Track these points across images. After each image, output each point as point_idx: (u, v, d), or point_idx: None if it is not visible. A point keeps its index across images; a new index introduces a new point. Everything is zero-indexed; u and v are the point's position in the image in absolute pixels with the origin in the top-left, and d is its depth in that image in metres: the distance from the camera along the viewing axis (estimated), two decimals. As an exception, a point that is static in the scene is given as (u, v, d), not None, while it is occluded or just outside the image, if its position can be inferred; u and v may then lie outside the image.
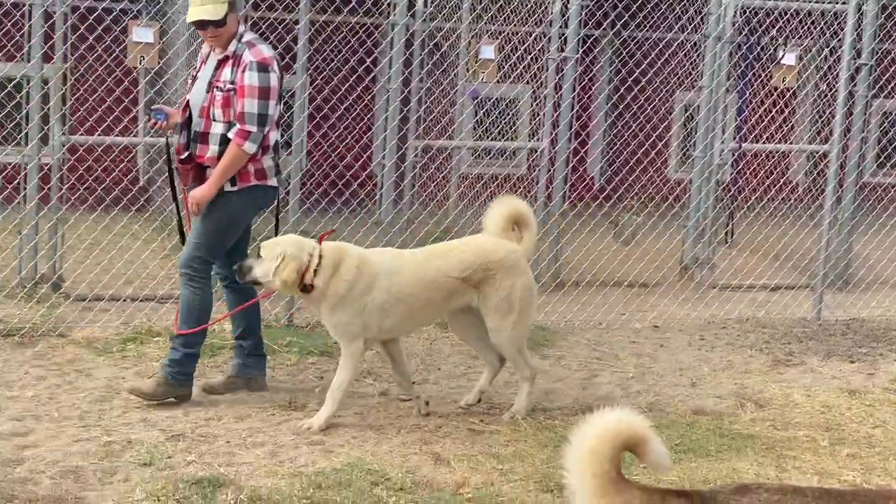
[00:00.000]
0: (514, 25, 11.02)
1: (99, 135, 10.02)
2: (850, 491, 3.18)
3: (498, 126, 11.90)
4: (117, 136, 10.76)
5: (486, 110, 11.94)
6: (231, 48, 6.33)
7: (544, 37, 10.37)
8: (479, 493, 5.29)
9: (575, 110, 9.89)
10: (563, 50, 9.67)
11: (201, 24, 6.28)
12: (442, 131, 11.99)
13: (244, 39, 6.34)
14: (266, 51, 6.33)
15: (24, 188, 8.47)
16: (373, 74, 12.06)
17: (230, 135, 6.23)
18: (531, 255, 6.77)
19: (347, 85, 11.02)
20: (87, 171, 10.02)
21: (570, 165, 10.01)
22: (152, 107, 6.72)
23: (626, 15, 10.38)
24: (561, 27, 9.74)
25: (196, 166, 6.38)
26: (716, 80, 10.11)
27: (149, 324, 8.00)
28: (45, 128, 8.56)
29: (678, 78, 12.25)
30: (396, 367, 6.71)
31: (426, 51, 10.65)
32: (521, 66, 10.80)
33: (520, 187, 11.10)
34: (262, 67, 6.24)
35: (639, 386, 7.29)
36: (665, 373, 7.64)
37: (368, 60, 11.73)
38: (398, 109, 9.24)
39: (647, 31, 13.09)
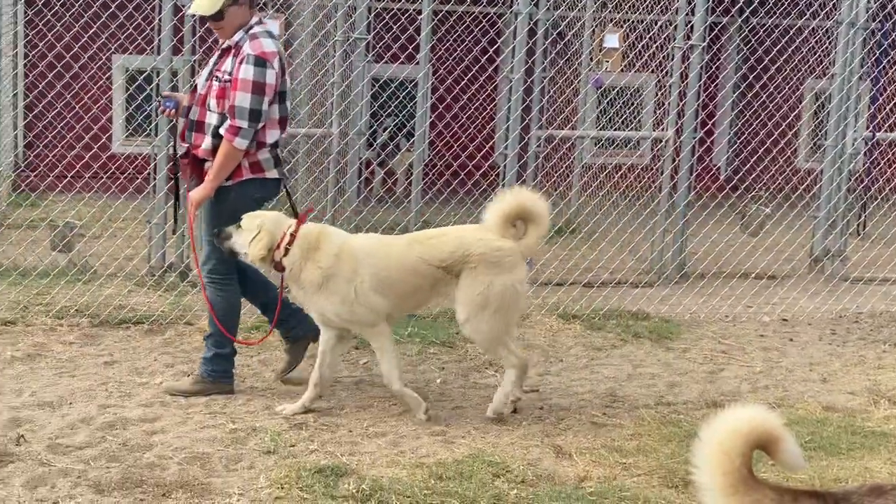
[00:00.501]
0: (640, 13, 10.87)
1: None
2: None
3: (622, 115, 11.75)
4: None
5: (610, 100, 11.81)
6: (235, 38, 6.20)
7: (670, 25, 10.20)
8: (601, 488, 5.21)
9: (701, 99, 9.70)
10: (689, 38, 9.49)
11: (202, 18, 6.28)
12: (565, 121, 11.89)
13: (251, 31, 6.18)
14: (267, 45, 6.13)
15: (154, 178, 8.64)
16: (495, 64, 12.01)
17: (221, 130, 6.11)
18: (532, 252, 6.39)
19: (470, 75, 10.98)
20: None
21: (696, 155, 9.82)
22: (163, 93, 6.67)
23: (755, 1, 10.14)
24: (687, 15, 9.56)
25: (193, 160, 6.29)
26: (848, 68, 9.81)
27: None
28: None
29: (808, 66, 11.94)
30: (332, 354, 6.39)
31: (549, 40, 10.55)
32: (646, 55, 10.64)
33: (644, 177, 10.95)
34: (259, 61, 6.06)
35: (766, 381, 7.12)
36: (794, 368, 7.45)
37: (491, 50, 11.67)
38: (521, 99, 9.18)
39: (777, 17, 12.77)
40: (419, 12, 8.52)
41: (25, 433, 5.52)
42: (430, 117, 9.49)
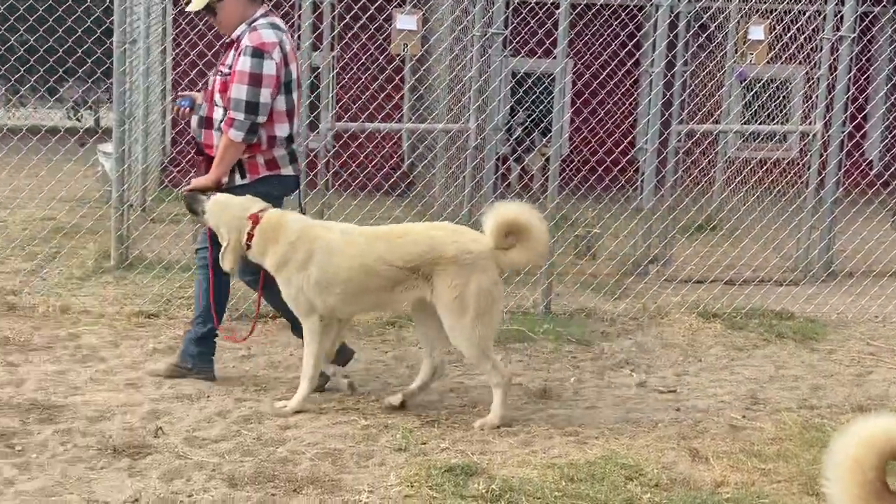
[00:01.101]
0: (786, 3, 10.56)
1: (363, 121, 10.25)
2: None
3: (767, 109, 11.44)
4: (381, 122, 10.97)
5: (756, 93, 11.50)
6: (237, 32, 6.15)
7: (818, 15, 9.88)
8: (739, 494, 5.06)
9: (851, 92, 9.37)
10: (838, 29, 9.18)
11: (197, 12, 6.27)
12: (707, 115, 11.63)
13: (254, 23, 6.12)
14: (266, 35, 6.05)
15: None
16: (635, 58, 11.82)
17: (221, 123, 6.09)
18: (514, 266, 6.02)
19: (609, 69, 10.82)
20: (351, 157, 10.26)
21: (845, 150, 9.48)
22: (179, 92, 6.66)
23: (909, -11, 9.75)
24: (837, 4, 9.25)
25: (207, 159, 6.26)
26: None
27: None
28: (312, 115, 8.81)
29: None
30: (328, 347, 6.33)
31: (691, 32, 10.32)
32: (793, 47, 10.34)
33: (790, 172, 10.63)
34: (257, 53, 5.99)
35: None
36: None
37: (631, 44, 11.49)
38: (661, 93, 9.01)
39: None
40: (557, 6, 8.41)
41: (164, 425, 5.61)
42: (568, 112, 9.37)
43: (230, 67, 6.11)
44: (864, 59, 13.51)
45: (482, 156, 8.83)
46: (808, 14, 10.11)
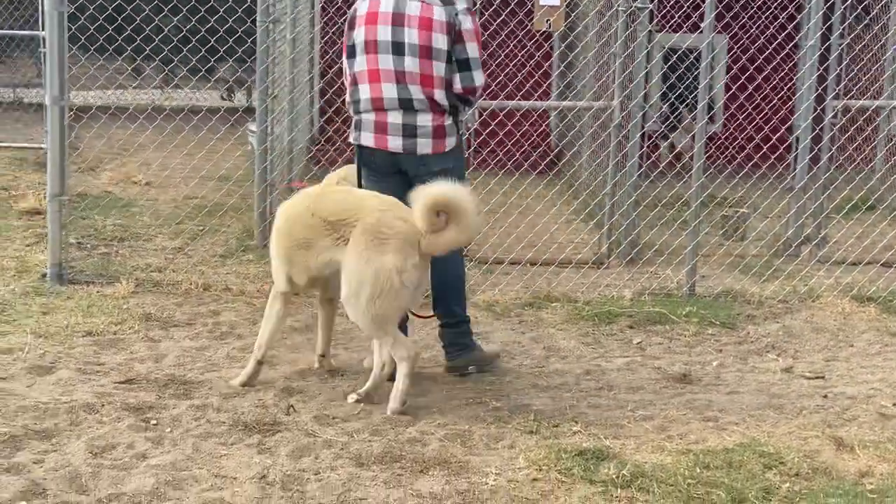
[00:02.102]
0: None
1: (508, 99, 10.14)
2: None
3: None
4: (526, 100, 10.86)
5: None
6: None
7: None
8: (884, 485, 4.81)
9: None
10: None
11: None
12: (865, 90, 11.16)
13: None
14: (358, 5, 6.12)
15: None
16: (791, 35, 11.39)
17: None
18: (438, 250, 5.59)
19: (765, 46, 10.47)
20: (494, 136, 10.16)
21: None
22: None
23: None
24: None
25: None
26: None
27: (548, 289, 7.99)
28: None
29: None
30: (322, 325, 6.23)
31: (847, 3, 9.88)
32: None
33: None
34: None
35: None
36: None
37: (785, 19, 11.09)
38: (815, 67, 8.65)
39: None
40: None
41: (296, 403, 5.64)
42: (714, 89, 9.09)
43: None
44: None
45: (625, 133, 8.62)
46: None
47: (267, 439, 5.13)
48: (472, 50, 5.97)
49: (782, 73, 11.86)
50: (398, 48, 5.95)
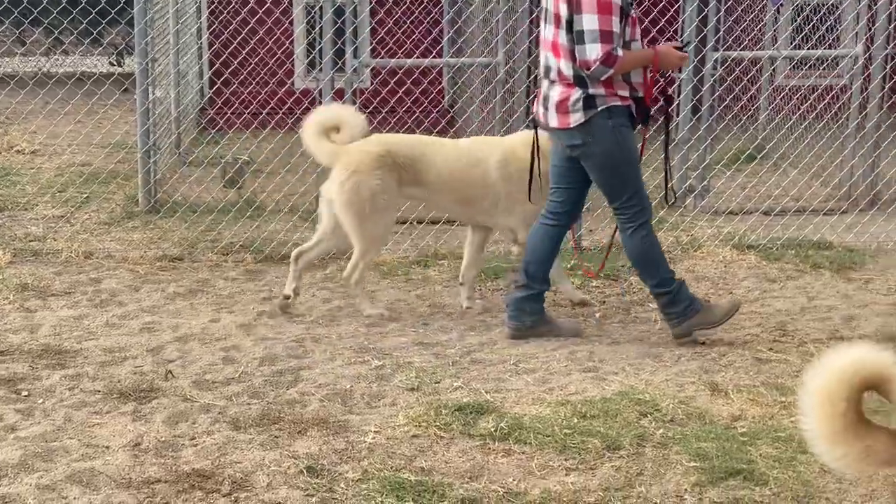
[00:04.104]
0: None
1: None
2: None
3: (817, 34, 11.07)
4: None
5: (804, 17, 11.14)
6: None
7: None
8: (755, 427, 4.92)
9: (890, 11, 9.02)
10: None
11: None
12: (754, 42, 11.31)
13: None
14: None
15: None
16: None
17: None
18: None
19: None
20: (391, 94, 10.12)
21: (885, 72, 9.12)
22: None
23: None
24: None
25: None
26: None
27: (435, 246, 8.00)
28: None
29: None
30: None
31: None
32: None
33: (839, 99, 10.30)
34: None
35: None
36: None
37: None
38: (694, 17, 8.73)
39: None
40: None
41: (174, 368, 5.58)
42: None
43: None
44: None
45: (508, 88, 8.63)
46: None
47: (143, 406, 5.08)
48: (588, 21, 5.65)
49: (663, 26, 11.94)
50: (546, 15, 5.93)
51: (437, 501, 4.24)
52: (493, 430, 4.87)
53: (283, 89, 11.78)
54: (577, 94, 5.80)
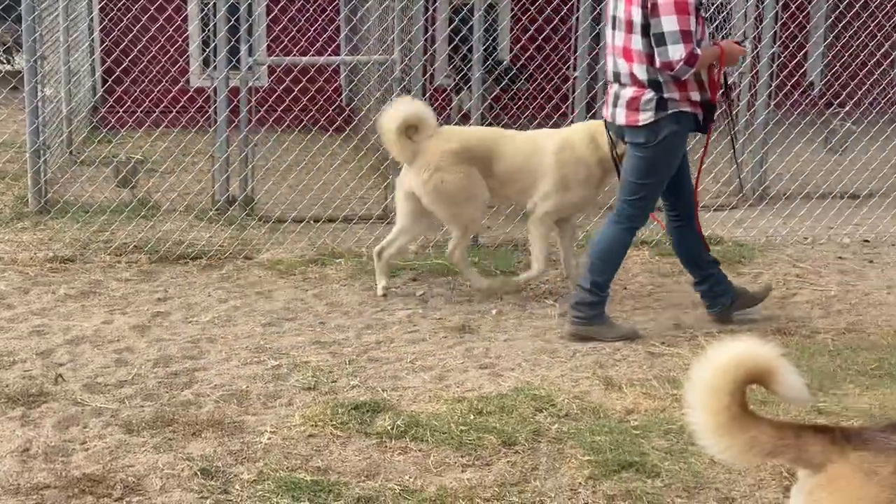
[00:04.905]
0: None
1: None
2: None
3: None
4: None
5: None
6: None
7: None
8: (647, 420, 5.00)
9: (776, 9, 9.22)
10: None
11: None
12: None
13: None
14: None
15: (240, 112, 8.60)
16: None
17: None
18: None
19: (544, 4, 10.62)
20: (287, 93, 10.05)
21: (773, 69, 9.33)
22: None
23: None
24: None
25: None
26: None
27: (333, 245, 7.97)
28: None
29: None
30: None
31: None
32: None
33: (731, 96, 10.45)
34: None
35: (840, 305, 6.79)
36: (871, 291, 7.09)
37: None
38: (591, 24, 8.83)
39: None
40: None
41: (65, 372, 5.49)
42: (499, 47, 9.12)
43: None
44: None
45: (404, 87, 8.63)
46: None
47: (31, 411, 4.99)
48: (668, 23, 5.70)
49: (563, 31, 12.07)
50: (615, 23, 6.02)
51: (333, 501, 4.24)
52: (389, 428, 4.88)
53: (177, 87, 11.61)
54: (649, 94, 5.91)
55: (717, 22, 10.68)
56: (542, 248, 6.85)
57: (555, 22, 9.32)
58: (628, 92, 5.99)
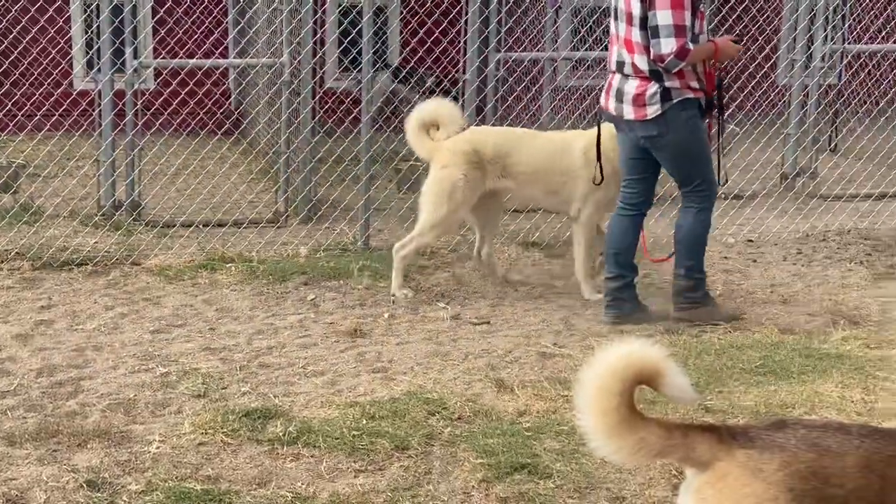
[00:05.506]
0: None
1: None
2: (901, 429, 2.82)
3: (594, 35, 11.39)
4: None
5: (582, 19, 11.46)
6: None
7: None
8: (539, 422, 5.03)
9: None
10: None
11: None
12: (533, 43, 11.55)
13: None
14: None
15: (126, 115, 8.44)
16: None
17: None
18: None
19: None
20: (174, 96, 9.90)
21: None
22: None
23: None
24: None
25: None
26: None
27: (223, 250, 7.87)
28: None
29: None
30: None
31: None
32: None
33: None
34: None
35: (726, 304, 6.90)
36: (755, 290, 7.24)
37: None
38: (476, 17, 8.86)
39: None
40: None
41: (-56, 384, 5.33)
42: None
43: None
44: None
45: (293, 89, 8.58)
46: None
47: None
48: (663, 17, 5.94)
49: (446, 27, 12.11)
50: (616, 14, 6.22)
51: (225, 510, 4.17)
52: (281, 434, 4.83)
53: (60, 90, 11.35)
54: (653, 87, 6.10)
55: (605, 25, 10.82)
56: (586, 254, 7.03)
57: (444, 25, 9.32)
58: (632, 86, 6.18)
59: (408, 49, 12.40)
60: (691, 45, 5.97)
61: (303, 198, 8.74)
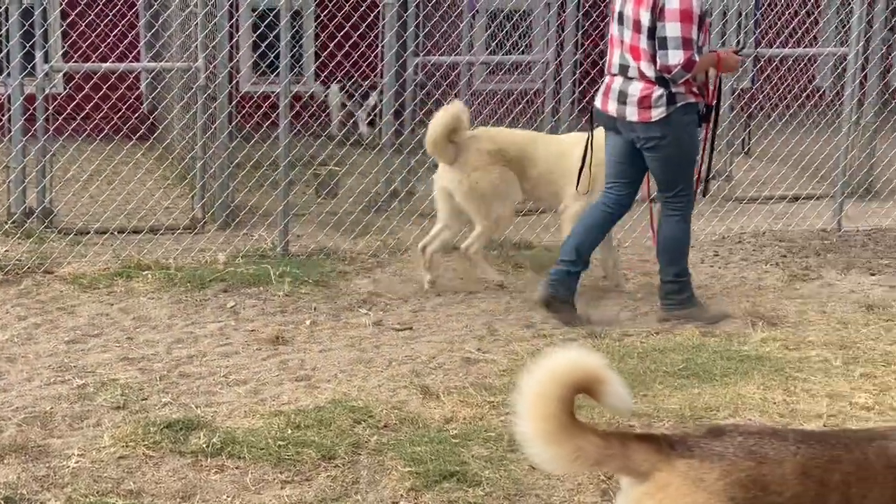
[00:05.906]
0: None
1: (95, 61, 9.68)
2: (834, 433, 2.86)
3: (511, 40, 11.42)
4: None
5: (499, 23, 11.49)
6: None
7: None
8: (466, 429, 5.01)
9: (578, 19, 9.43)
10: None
11: None
12: (451, 47, 11.54)
13: None
14: None
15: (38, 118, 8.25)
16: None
17: None
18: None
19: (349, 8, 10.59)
20: (86, 100, 9.70)
21: (577, 74, 9.54)
22: None
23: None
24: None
25: None
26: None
27: (139, 257, 7.72)
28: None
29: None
30: None
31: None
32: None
33: (534, 103, 10.65)
34: None
35: (646, 307, 6.95)
36: (675, 292, 7.29)
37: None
38: (394, 23, 8.84)
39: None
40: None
41: None
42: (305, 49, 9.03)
43: None
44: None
45: (210, 94, 8.46)
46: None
47: None
48: (672, 29, 6.09)
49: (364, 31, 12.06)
50: (621, 19, 6.34)
51: (148, 525, 4.09)
52: (204, 445, 4.75)
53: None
54: (659, 91, 6.24)
55: (521, 30, 10.86)
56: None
57: (362, 28, 9.27)
58: (637, 88, 6.30)
59: (325, 53, 12.32)
60: (697, 57, 6.17)
61: (220, 204, 8.61)
